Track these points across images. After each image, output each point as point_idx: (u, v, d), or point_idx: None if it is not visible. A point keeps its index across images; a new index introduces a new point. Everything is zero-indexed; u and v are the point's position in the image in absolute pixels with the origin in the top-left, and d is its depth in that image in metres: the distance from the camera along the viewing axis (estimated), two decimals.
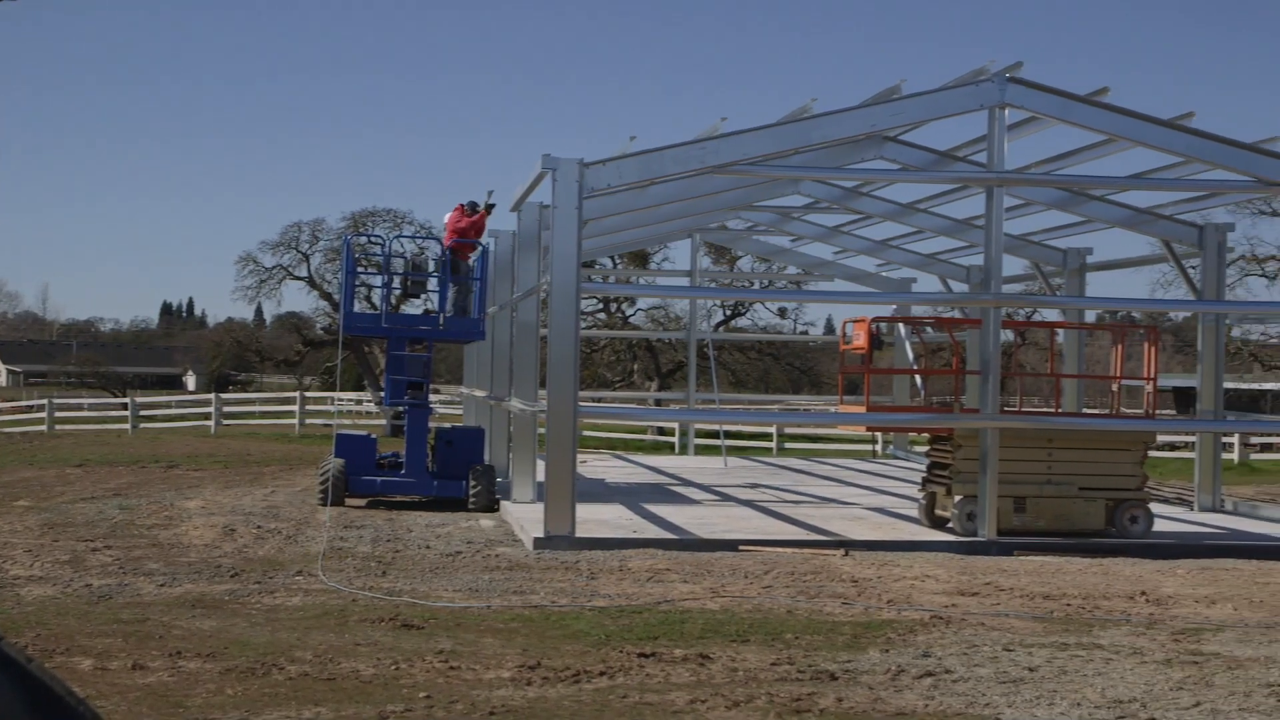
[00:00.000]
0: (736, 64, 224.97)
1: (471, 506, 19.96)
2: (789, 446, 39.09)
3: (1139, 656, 10.08)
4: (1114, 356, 20.51)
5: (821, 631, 10.86)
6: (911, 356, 31.43)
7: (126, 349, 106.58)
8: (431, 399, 21.99)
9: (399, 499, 20.88)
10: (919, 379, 28.24)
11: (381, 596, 12.12)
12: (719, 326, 49.45)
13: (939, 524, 17.90)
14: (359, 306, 26.85)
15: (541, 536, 15.83)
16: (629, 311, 52.23)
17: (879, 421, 20.86)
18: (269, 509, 19.51)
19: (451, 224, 21.39)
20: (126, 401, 45.51)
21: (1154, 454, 27.92)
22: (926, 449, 20.10)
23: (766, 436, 39.89)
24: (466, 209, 21.44)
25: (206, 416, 44.11)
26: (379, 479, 20.46)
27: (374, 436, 21.44)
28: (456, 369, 51.64)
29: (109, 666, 9.04)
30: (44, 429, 42.54)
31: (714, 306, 48.74)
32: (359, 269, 23.29)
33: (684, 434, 36.18)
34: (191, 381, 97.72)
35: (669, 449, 38.06)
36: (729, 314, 51.02)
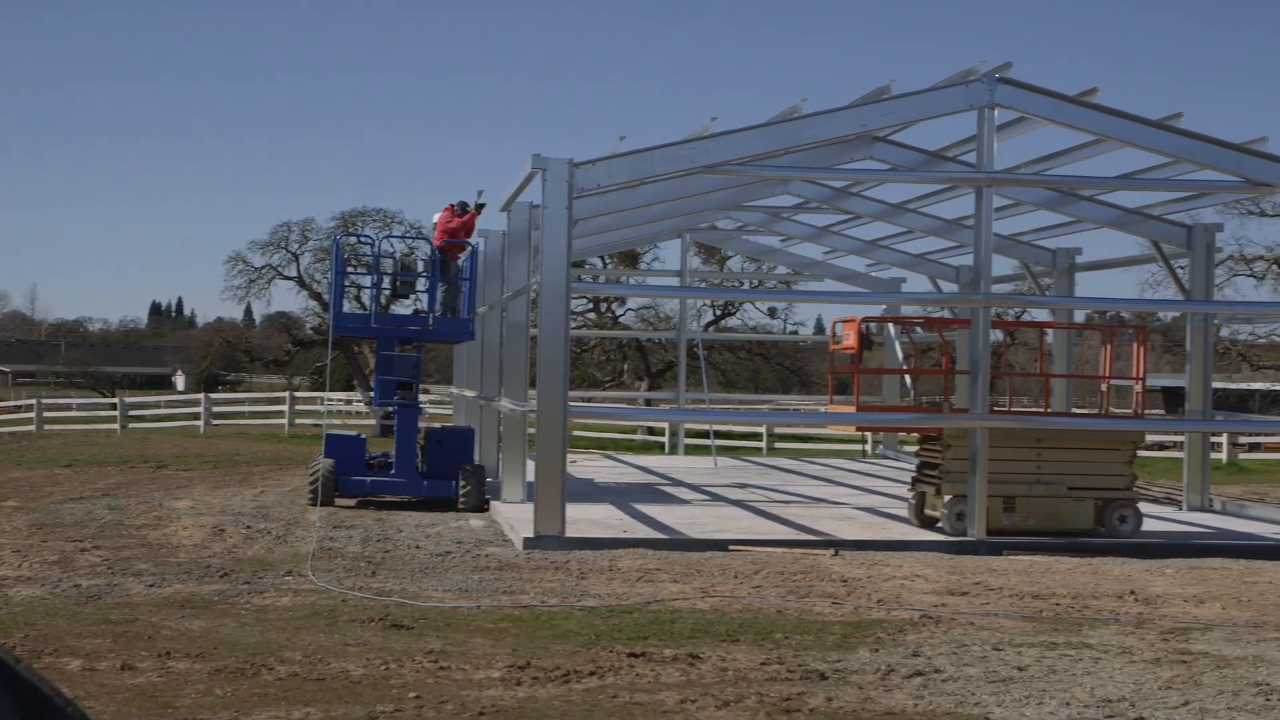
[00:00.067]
0: (727, 64, 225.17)
1: (461, 506, 19.95)
2: (779, 446, 39.10)
3: (1128, 656, 10.11)
4: (1103, 356, 20.56)
5: (811, 631, 10.87)
6: (901, 356, 31.49)
7: (115, 349, 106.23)
8: (421, 399, 21.97)
9: (389, 499, 20.85)
10: (908, 379, 28.35)
11: (371, 597, 12.11)
12: (709, 326, 49.46)
13: (929, 524, 17.92)
14: (348, 306, 26.86)
15: (531, 536, 15.82)
16: (619, 311, 52.23)
17: (869, 421, 20.87)
18: (258, 509, 19.48)
19: (442, 224, 21.38)
20: (115, 401, 45.39)
21: (1143, 454, 27.99)
22: (916, 449, 20.12)
23: (756, 436, 39.91)
24: (456, 209, 21.43)
25: (196, 417, 44.03)
26: (369, 479, 20.44)
27: (364, 436, 21.43)
28: (446, 369, 51.54)
29: (97, 667, 9.02)
30: (32, 429, 42.43)
31: (704, 306, 48.74)
32: (348, 269, 23.28)
33: (674, 434, 36.19)
34: (181, 381, 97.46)
35: (659, 449, 38.05)
36: (719, 314, 51.05)
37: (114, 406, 44.70)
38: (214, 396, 48.14)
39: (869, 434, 32.93)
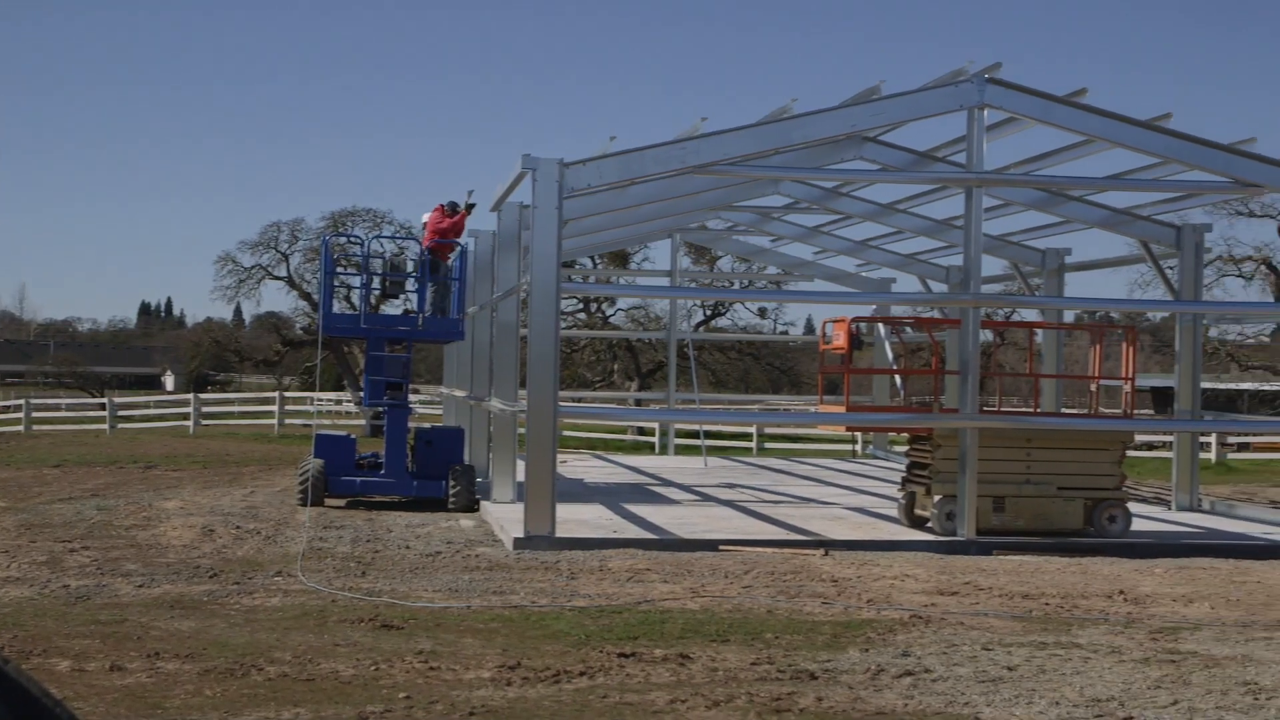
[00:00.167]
0: (717, 64, 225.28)
1: (451, 507, 19.93)
2: (769, 446, 39.13)
3: (1117, 655, 10.13)
4: (1092, 356, 20.60)
5: (801, 631, 10.88)
6: (891, 356, 31.50)
7: (104, 349, 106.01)
8: (411, 399, 21.94)
9: (378, 499, 20.83)
10: (898, 379, 28.33)
11: (361, 597, 12.09)
12: (699, 326, 49.47)
13: (918, 524, 17.95)
14: (338, 306, 26.77)
15: (521, 536, 15.81)
16: (609, 311, 52.20)
17: (859, 421, 20.90)
18: (248, 509, 19.44)
19: (432, 224, 21.35)
20: (104, 402, 45.29)
21: (1132, 453, 28.04)
22: (906, 449, 20.15)
23: (746, 436, 39.93)
24: (447, 209, 21.41)
25: (185, 417, 43.94)
26: (358, 479, 20.42)
27: (353, 437, 21.40)
28: (436, 369, 51.51)
29: (86, 668, 9.00)
30: (21, 429, 42.30)
31: (694, 306, 48.76)
32: (338, 269, 23.24)
33: (664, 434, 36.18)
34: (170, 381, 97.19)
35: (649, 449, 38.03)
36: (709, 314, 51.04)
37: (103, 407, 44.59)
38: (203, 397, 48.06)
39: (859, 434, 32.97)
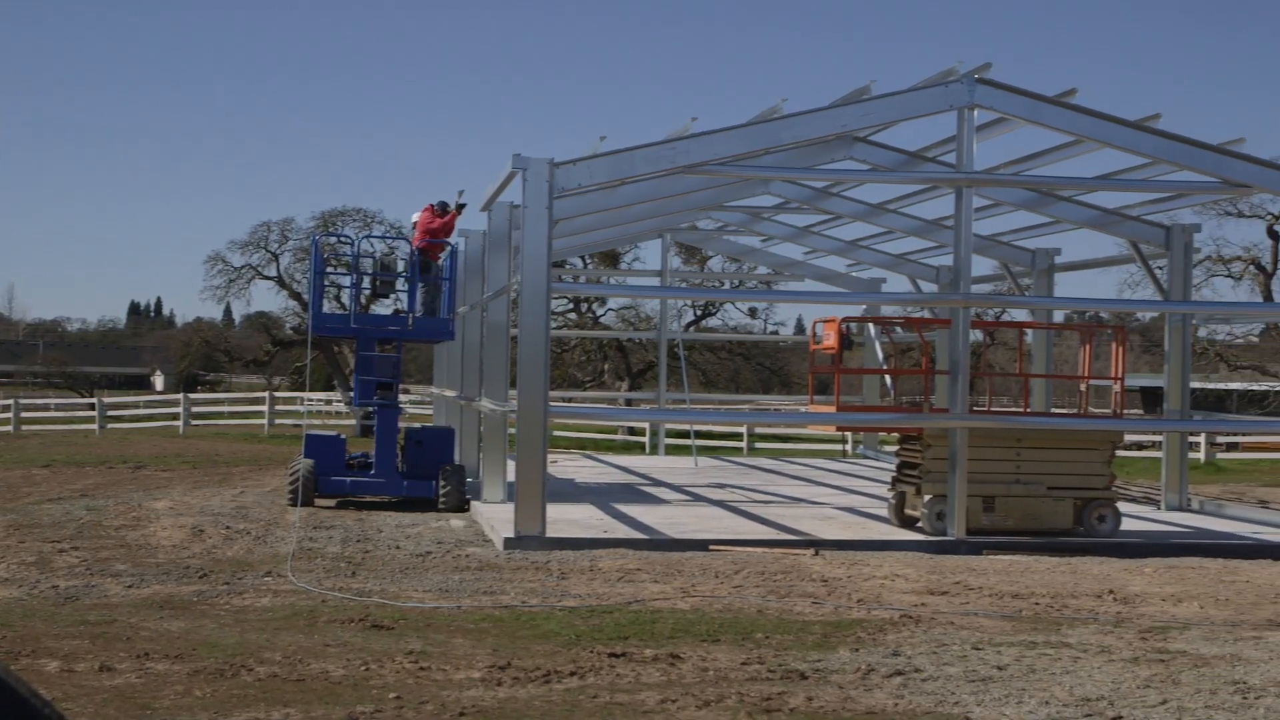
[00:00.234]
0: (708, 64, 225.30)
1: (441, 507, 19.92)
2: (759, 446, 39.15)
3: (1106, 655, 10.15)
4: (1082, 356, 20.63)
5: (792, 631, 10.88)
6: (881, 356, 31.54)
7: (94, 349, 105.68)
8: (401, 399, 21.92)
9: (369, 499, 20.81)
10: (889, 379, 28.37)
11: (351, 597, 12.08)
12: (689, 326, 49.48)
13: (909, 523, 17.96)
14: (328, 306, 26.76)
15: (512, 536, 15.81)
16: (599, 311, 52.19)
17: (849, 421, 20.90)
18: (238, 509, 19.41)
19: (423, 224, 21.34)
20: (94, 402, 45.19)
21: (1122, 453, 28.09)
22: (896, 449, 20.17)
23: (737, 436, 39.95)
24: (437, 209, 21.39)
25: (175, 417, 43.85)
26: (348, 479, 20.39)
27: (343, 437, 21.37)
28: (426, 369, 51.46)
29: (76, 668, 8.97)
30: (10, 429, 42.19)
31: (684, 306, 48.74)
32: (328, 269, 23.21)
33: (654, 434, 36.19)
34: (159, 381, 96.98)
35: (640, 449, 38.06)
36: (699, 314, 51.07)
37: (92, 407, 44.49)
38: (193, 397, 47.96)
39: (849, 434, 33.00)
